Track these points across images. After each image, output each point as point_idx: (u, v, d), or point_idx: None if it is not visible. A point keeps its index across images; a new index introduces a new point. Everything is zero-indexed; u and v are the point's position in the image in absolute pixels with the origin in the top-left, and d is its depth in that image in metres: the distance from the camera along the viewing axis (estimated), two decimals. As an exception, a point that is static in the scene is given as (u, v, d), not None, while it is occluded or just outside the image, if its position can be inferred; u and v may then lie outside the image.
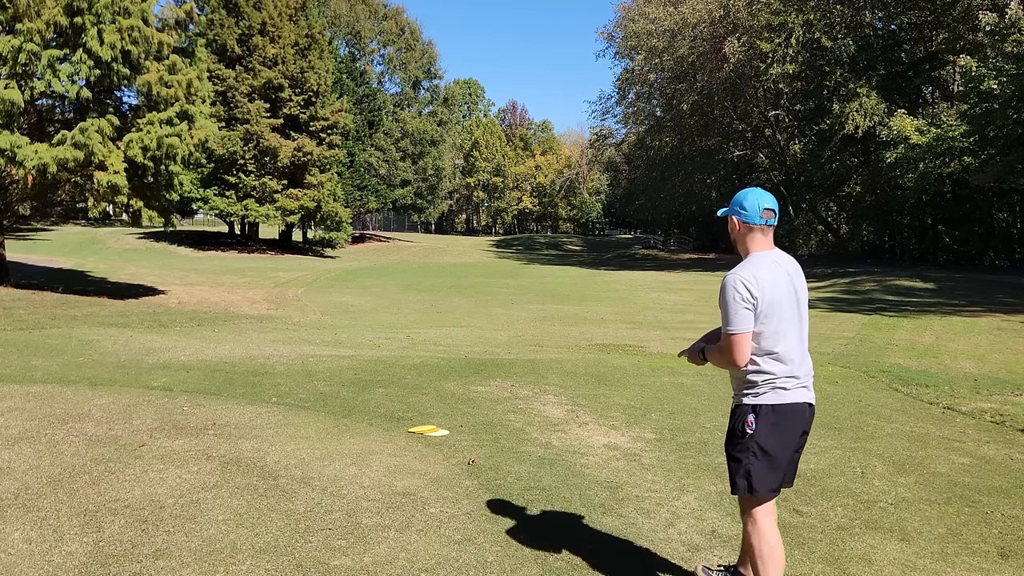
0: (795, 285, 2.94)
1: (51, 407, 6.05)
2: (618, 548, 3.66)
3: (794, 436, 2.92)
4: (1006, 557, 3.71)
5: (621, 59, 48.04)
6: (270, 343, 10.83)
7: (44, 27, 13.42)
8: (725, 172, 48.27)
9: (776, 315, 2.86)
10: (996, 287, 23.39)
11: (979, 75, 26.61)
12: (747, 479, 2.90)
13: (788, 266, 2.97)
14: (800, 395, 2.90)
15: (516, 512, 4.09)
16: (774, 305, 2.86)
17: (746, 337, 2.85)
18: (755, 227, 2.96)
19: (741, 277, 2.85)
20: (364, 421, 6.01)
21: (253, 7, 38.32)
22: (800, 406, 2.90)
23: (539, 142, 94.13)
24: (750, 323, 2.84)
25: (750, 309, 2.83)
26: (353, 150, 47.68)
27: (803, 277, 3.02)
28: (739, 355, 2.86)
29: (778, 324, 2.87)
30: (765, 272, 2.88)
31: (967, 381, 8.94)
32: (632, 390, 7.64)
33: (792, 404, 2.89)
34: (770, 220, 2.95)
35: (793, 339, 2.90)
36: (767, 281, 2.86)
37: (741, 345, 2.85)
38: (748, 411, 2.91)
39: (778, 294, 2.87)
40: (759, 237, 2.97)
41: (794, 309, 2.92)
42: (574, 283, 28.43)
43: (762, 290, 2.85)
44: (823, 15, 36.22)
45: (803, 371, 2.92)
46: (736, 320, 2.84)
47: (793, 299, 2.92)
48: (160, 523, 3.77)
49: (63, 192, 16.62)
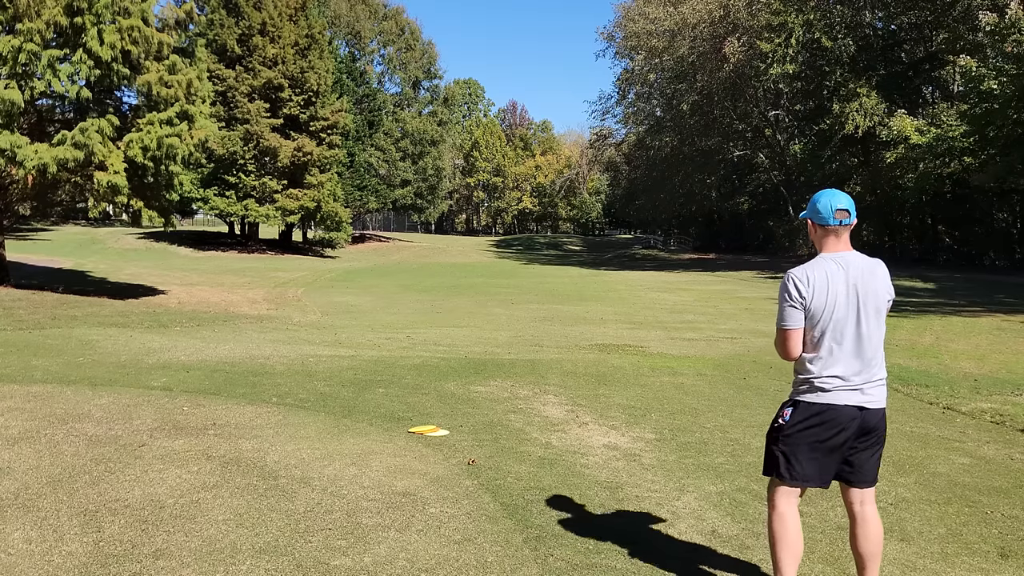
0: (859, 289, 2.93)
1: (51, 407, 6.05)
2: (618, 548, 3.66)
3: (829, 434, 2.94)
4: (1006, 557, 3.71)
5: (621, 59, 48.09)
6: (270, 343, 10.83)
7: (44, 27, 13.42)
8: (725, 172, 48.26)
9: (825, 317, 2.92)
10: (996, 287, 23.39)
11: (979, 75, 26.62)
12: (772, 463, 3.06)
13: (855, 269, 2.95)
14: (843, 397, 2.93)
15: (516, 512, 4.08)
16: (825, 307, 2.91)
17: (794, 333, 2.96)
18: (829, 228, 2.98)
19: (795, 275, 2.95)
20: (364, 421, 6.01)
21: (253, 7, 38.31)
22: (842, 408, 2.93)
23: (539, 142, 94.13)
24: (798, 320, 2.95)
25: (798, 307, 2.93)
26: (353, 150, 47.66)
27: (880, 281, 2.98)
28: (787, 349, 3.00)
29: (827, 326, 2.92)
30: (821, 273, 2.93)
31: (967, 381, 8.94)
32: (632, 390, 7.64)
33: (830, 404, 2.93)
34: (845, 220, 2.96)
35: (846, 342, 2.93)
36: (821, 282, 2.91)
37: (789, 340, 2.98)
38: (788, 405, 3.04)
39: (831, 296, 2.91)
40: (831, 239, 2.99)
41: (850, 312, 2.92)
42: (574, 283, 28.43)
43: (812, 290, 2.91)
44: (823, 15, 36.21)
45: (857, 374, 2.94)
46: (784, 316, 2.97)
47: (851, 302, 2.92)
48: (160, 523, 3.77)
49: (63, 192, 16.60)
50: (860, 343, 2.94)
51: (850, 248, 3.02)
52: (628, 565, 3.48)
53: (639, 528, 3.95)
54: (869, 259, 3.01)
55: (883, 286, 2.99)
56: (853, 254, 3.00)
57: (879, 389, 3.00)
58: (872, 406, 2.97)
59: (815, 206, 3.00)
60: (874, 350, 2.97)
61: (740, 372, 8.86)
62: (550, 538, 3.74)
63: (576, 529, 3.87)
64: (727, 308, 18.27)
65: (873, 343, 2.97)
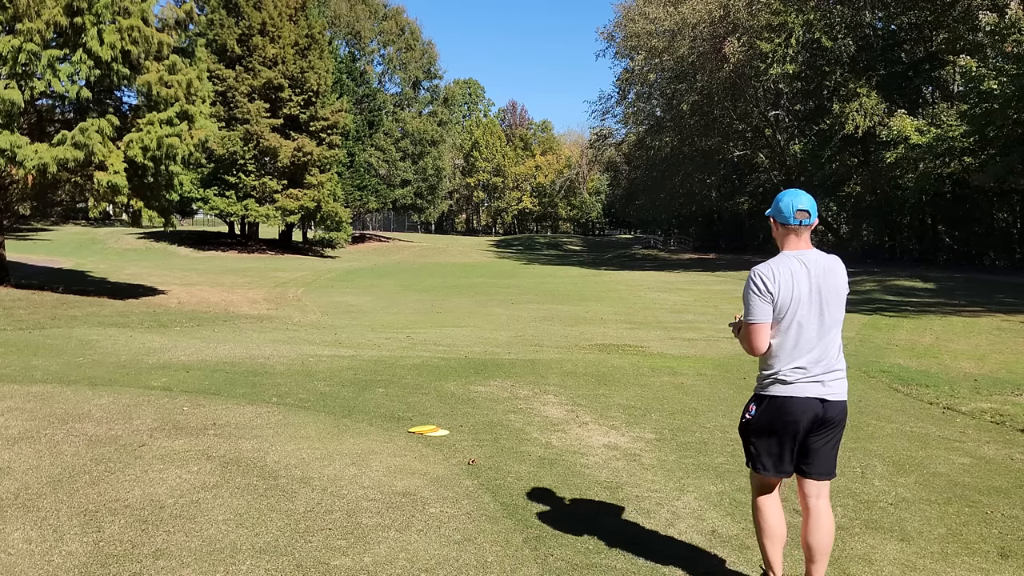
0: (820, 285, 3.03)
1: (51, 407, 6.05)
2: (618, 548, 3.66)
3: (793, 425, 3.04)
4: (1006, 557, 3.71)
5: (621, 59, 48.03)
6: (270, 343, 10.83)
7: (44, 27, 13.42)
8: (725, 172, 48.23)
9: (789, 312, 3.02)
10: (996, 287, 23.39)
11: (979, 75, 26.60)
12: (749, 457, 3.20)
13: (815, 267, 3.05)
14: (805, 389, 3.02)
15: (516, 512, 4.08)
16: (790, 302, 3.01)
17: (762, 327, 3.04)
18: (790, 227, 3.09)
19: (760, 271, 3.05)
20: (364, 421, 6.01)
21: (253, 7, 38.31)
22: (803, 400, 3.02)
23: (539, 142, 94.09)
24: (766, 315, 3.03)
25: (766, 302, 3.02)
26: (353, 150, 47.66)
27: (838, 277, 3.09)
28: (755, 344, 3.06)
29: (790, 321, 3.02)
30: (785, 270, 3.03)
31: (967, 381, 8.94)
32: (632, 390, 7.64)
33: (792, 397, 3.02)
34: (805, 220, 3.06)
35: (809, 336, 3.02)
36: (785, 278, 3.01)
37: (758, 334, 3.05)
38: (753, 400, 3.16)
39: (795, 293, 3.00)
40: (792, 237, 3.10)
41: (813, 307, 3.02)
42: (574, 283, 28.42)
43: (778, 286, 3.01)
44: (823, 15, 36.19)
45: (817, 366, 3.02)
46: (752, 310, 3.04)
47: (813, 298, 3.02)
48: (160, 523, 3.77)
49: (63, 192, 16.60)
50: (822, 337, 3.03)
51: (810, 246, 3.13)
52: (628, 565, 3.48)
53: (639, 528, 3.95)
54: (828, 256, 3.11)
55: (842, 282, 3.10)
56: (813, 252, 3.10)
57: (840, 382, 3.08)
58: (833, 398, 3.05)
59: (778, 205, 3.10)
60: (834, 344, 3.07)
61: (740, 372, 8.86)
62: (550, 538, 3.74)
63: (576, 529, 3.87)
64: (727, 308, 18.27)
65: (833, 337, 3.07)
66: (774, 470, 3.11)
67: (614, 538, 3.77)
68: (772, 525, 3.13)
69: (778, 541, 3.13)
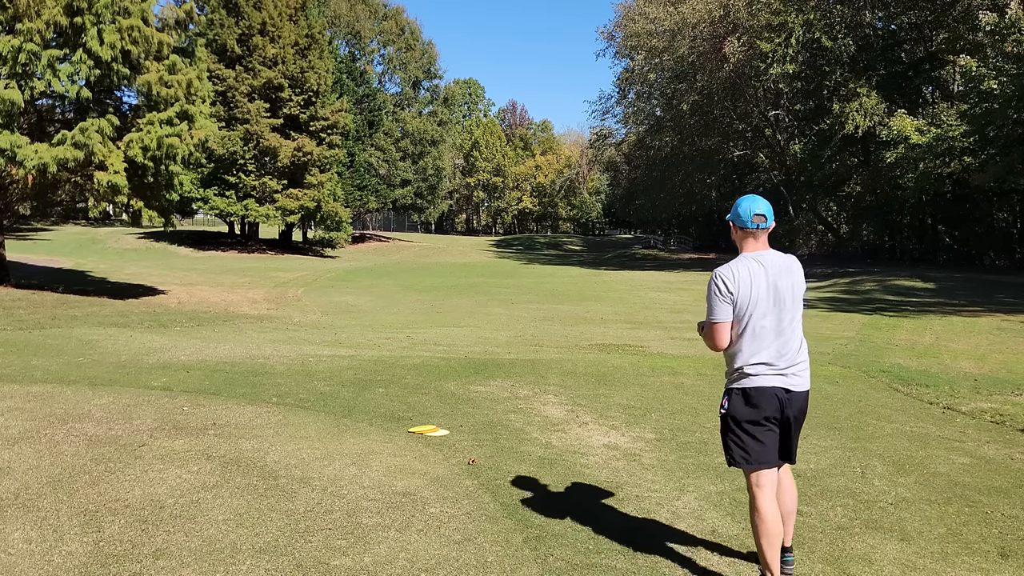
0: (777, 284, 3.21)
1: (51, 407, 6.05)
2: (618, 548, 3.66)
3: (761, 416, 3.20)
4: (1006, 557, 3.71)
5: (621, 59, 48.00)
6: (270, 343, 10.83)
7: (44, 27, 13.42)
8: (725, 172, 48.24)
9: (750, 310, 3.19)
10: (996, 287, 23.38)
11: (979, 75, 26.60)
12: (728, 452, 3.31)
13: (772, 267, 3.23)
14: (770, 380, 3.19)
15: (516, 512, 4.08)
16: (749, 301, 3.18)
17: (723, 326, 3.23)
18: (748, 230, 3.27)
19: (721, 273, 3.23)
20: (364, 421, 6.01)
21: (253, 7, 38.31)
22: (769, 389, 3.19)
23: (539, 142, 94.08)
24: (727, 314, 3.21)
25: (727, 302, 3.20)
26: (353, 150, 47.65)
27: (795, 275, 3.27)
28: (716, 341, 3.26)
29: (751, 318, 3.19)
30: (745, 270, 3.21)
31: (967, 381, 8.94)
32: (632, 390, 7.64)
33: (759, 388, 3.19)
34: (761, 224, 3.25)
35: (769, 332, 3.20)
36: (745, 279, 3.19)
37: (719, 333, 3.24)
38: (724, 395, 3.33)
39: (755, 291, 3.18)
40: (751, 240, 3.29)
41: (772, 305, 3.20)
42: (574, 283, 28.42)
43: (738, 285, 3.18)
44: (823, 15, 36.18)
45: (780, 360, 3.20)
46: (714, 311, 3.23)
47: (771, 296, 3.20)
48: (160, 523, 3.77)
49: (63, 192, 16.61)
50: (781, 333, 3.21)
51: (767, 247, 3.31)
52: (628, 565, 3.48)
53: (639, 528, 3.95)
54: (785, 256, 3.31)
55: (799, 280, 3.28)
56: (771, 252, 3.29)
57: (802, 374, 3.25)
58: (796, 388, 3.23)
59: (737, 211, 3.30)
60: (795, 338, 3.25)
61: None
62: (550, 538, 3.74)
63: (576, 529, 3.87)
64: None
65: (794, 331, 3.25)
66: (760, 457, 3.21)
67: (614, 538, 3.77)
68: (770, 525, 3.18)
69: (776, 540, 3.20)
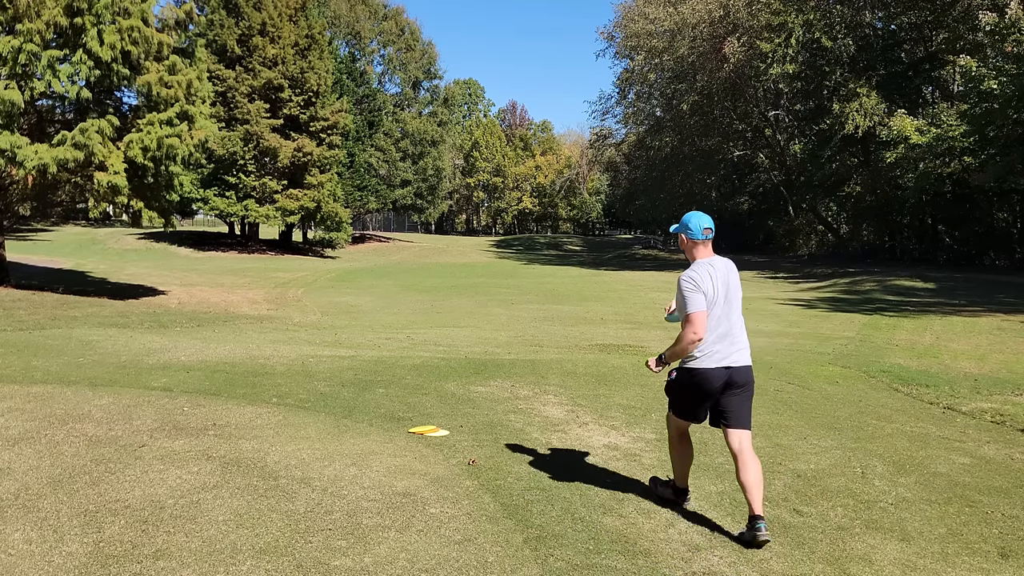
0: (727, 283, 3.95)
1: (51, 407, 6.05)
2: (618, 548, 3.66)
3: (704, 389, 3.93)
4: (1006, 557, 3.71)
5: (621, 59, 47.97)
6: (270, 343, 10.83)
7: (44, 27, 13.42)
8: (725, 172, 48.22)
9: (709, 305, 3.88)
10: (996, 287, 23.38)
11: (979, 75, 26.61)
12: (671, 405, 4.20)
13: (720, 269, 3.96)
14: (713, 362, 3.89)
15: (516, 512, 4.09)
16: (712, 296, 3.88)
17: (704, 314, 3.85)
18: (698, 241, 4.00)
19: (689, 275, 3.92)
20: (364, 421, 6.01)
21: (253, 7, 38.30)
22: (712, 371, 3.89)
23: (539, 142, 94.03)
24: (704, 304, 3.85)
25: (701, 294, 3.85)
26: (353, 150, 47.63)
27: (735, 275, 4.01)
28: (700, 329, 3.83)
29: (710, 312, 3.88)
30: (704, 273, 3.91)
31: (967, 381, 8.94)
32: (632, 390, 7.64)
33: (702, 368, 3.89)
34: (708, 236, 4.00)
35: (720, 323, 3.90)
36: (706, 279, 3.89)
37: (702, 320, 3.83)
38: (675, 369, 4.08)
39: (712, 290, 3.88)
40: (701, 248, 4.01)
41: (721, 301, 3.91)
42: (574, 283, 28.42)
43: (704, 284, 3.87)
44: (823, 15, 36.17)
45: (726, 345, 3.90)
46: (694, 303, 3.84)
47: (719, 293, 3.90)
48: (160, 523, 3.77)
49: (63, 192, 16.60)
50: (730, 323, 3.94)
51: (713, 254, 4.02)
52: (628, 565, 3.48)
53: (639, 528, 3.95)
54: (725, 259, 4.02)
55: (737, 278, 4.02)
56: (717, 258, 4.01)
57: (743, 352, 3.96)
58: (737, 364, 3.92)
59: (687, 225, 4.00)
60: (738, 323, 3.98)
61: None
62: (550, 538, 3.74)
63: (576, 529, 3.87)
64: (727, 308, 18.25)
65: (737, 318, 3.97)
66: (690, 418, 4.11)
67: (614, 538, 3.77)
68: (685, 453, 4.23)
69: (688, 461, 4.24)
